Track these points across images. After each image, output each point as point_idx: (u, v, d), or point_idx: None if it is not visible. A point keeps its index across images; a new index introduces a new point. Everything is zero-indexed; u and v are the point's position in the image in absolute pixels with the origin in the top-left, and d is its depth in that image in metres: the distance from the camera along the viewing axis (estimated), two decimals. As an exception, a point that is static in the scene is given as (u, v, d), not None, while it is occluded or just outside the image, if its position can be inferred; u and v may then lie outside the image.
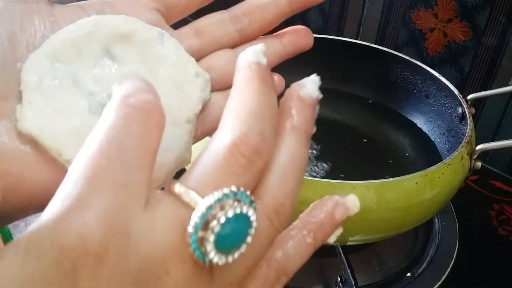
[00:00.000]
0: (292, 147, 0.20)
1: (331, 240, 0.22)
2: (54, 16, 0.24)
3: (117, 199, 0.16)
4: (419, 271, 0.55)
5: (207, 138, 0.28)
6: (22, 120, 0.22)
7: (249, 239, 0.17)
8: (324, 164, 0.59)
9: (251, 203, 0.17)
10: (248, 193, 0.17)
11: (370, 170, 0.60)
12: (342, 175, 0.57)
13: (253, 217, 0.17)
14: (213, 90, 0.27)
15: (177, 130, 0.24)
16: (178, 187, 0.17)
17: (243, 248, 0.17)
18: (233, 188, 0.17)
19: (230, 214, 0.16)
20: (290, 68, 0.21)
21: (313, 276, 0.53)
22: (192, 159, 0.25)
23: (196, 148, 0.26)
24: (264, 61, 0.20)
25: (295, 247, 0.21)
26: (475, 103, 0.61)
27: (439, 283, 0.53)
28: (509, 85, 0.67)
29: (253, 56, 0.20)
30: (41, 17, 0.23)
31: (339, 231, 0.22)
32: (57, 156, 0.22)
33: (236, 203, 0.17)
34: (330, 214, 0.21)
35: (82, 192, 0.16)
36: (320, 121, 0.21)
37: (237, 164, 0.17)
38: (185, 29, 0.28)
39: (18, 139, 0.22)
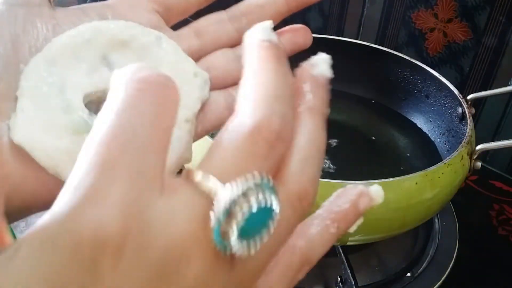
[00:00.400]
0: (311, 130, 0.19)
1: (352, 229, 0.22)
2: (56, 19, 0.24)
3: (133, 188, 0.15)
4: (419, 271, 0.55)
5: (206, 137, 0.28)
6: (13, 130, 0.22)
7: (271, 228, 0.16)
8: (324, 164, 0.59)
9: (274, 192, 0.16)
10: (271, 182, 0.16)
11: (370, 170, 0.60)
12: (342, 175, 0.57)
13: (276, 207, 0.16)
14: (212, 89, 0.27)
15: (176, 131, 0.24)
16: (198, 175, 0.16)
17: (265, 238, 0.16)
18: (256, 178, 0.16)
19: (254, 206, 0.16)
20: (291, 67, 0.21)
21: (313, 276, 0.53)
22: (193, 158, 0.25)
23: (196, 146, 0.26)
24: (275, 38, 0.19)
25: (318, 236, 0.21)
26: (475, 103, 0.61)
27: (439, 283, 0.53)
28: (509, 85, 0.68)
29: (263, 33, 0.19)
30: (43, 20, 0.23)
31: (360, 221, 0.22)
32: (56, 175, 0.22)
33: (260, 194, 0.16)
34: (354, 203, 0.21)
35: (95, 182, 0.15)
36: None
37: (259, 150, 0.17)
38: (184, 30, 0.28)
39: None
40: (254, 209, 0.15)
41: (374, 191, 0.21)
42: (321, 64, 0.20)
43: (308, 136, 0.19)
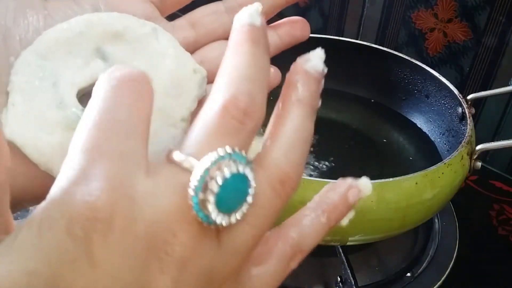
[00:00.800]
0: (298, 119, 0.20)
1: (344, 222, 0.22)
2: (47, 10, 0.24)
3: (117, 167, 0.16)
4: (419, 271, 0.55)
5: None
6: (5, 125, 0.22)
7: (249, 198, 0.18)
8: (324, 164, 0.59)
9: (247, 163, 0.18)
10: (243, 153, 0.18)
11: (370, 170, 0.60)
12: (342, 175, 0.57)
13: (250, 176, 0.18)
14: (207, 82, 0.27)
15: (172, 131, 0.24)
16: (175, 155, 0.17)
17: (244, 207, 0.18)
18: (228, 149, 0.17)
19: (227, 173, 0.17)
20: (290, 67, 0.21)
21: (313, 276, 0.53)
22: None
23: None
24: (258, 21, 0.20)
25: (309, 226, 0.21)
26: (475, 103, 0.61)
27: (439, 283, 0.53)
28: (509, 85, 0.68)
29: (247, 17, 0.20)
30: (34, 11, 0.23)
31: (351, 214, 0.22)
32: (47, 171, 0.22)
33: (232, 163, 0.17)
34: (344, 195, 0.22)
35: (83, 164, 0.16)
36: (319, 121, 0.21)
37: (229, 126, 0.18)
38: (180, 21, 0.27)
39: None
40: (227, 174, 0.17)
41: (363, 183, 0.22)
42: (314, 59, 0.21)
43: (294, 125, 0.20)
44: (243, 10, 0.21)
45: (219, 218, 0.17)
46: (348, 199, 0.22)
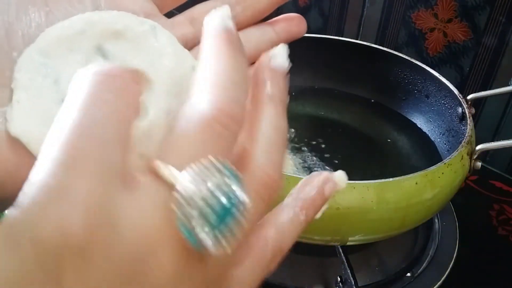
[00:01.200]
0: (272, 118, 0.20)
1: (318, 216, 0.22)
2: (48, 6, 0.24)
3: (97, 184, 0.15)
4: (419, 271, 0.55)
5: None
6: (10, 122, 0.22)
7: (235, 212, 0.16)
8: (324, 164, 0.59)
9: (233, 174, 0.16)
10: (228, 163, 0.16)
11: (370, 170, 0.59)
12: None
13: (237, 189, 0.16)
14: None
15: None
16: (157, 165, 0.16)
17: (230, 222, 0.16)
18: (212, 159, 0.16)
19: (212, 187, 0.16)
20: (291, 67, 0.21)
21: (313, 276, 0.53)
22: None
23: None
24: (231, 24, 0.20)
25: (288, 224, 0.21)
26: (475, 103, 0.61)
27: (439, 283, 0.53)
28: (509, 85, 0.67)
29: (220, 20, 0.20)
30: (35, 7, 0.23)
31: (325, 207, 0.22)
32: None
33: (217, 174, 0.16)
34: (320, 190, 0.22)
35: (59, 180, 0.15)
36: (320, 121, 0.21)
37: (214, 132, 0.17)
38: (179, 18, 0.28)
39: None
40: (211, 188, 0.16)
41: (338, 176, 0.22)
42: (279, 55, 0.21)
43: (271, 124, 0.20)
44: (214, 13, 0.20)
45: (203, 235, 0.16)
46: (324, 193, 0.22)
